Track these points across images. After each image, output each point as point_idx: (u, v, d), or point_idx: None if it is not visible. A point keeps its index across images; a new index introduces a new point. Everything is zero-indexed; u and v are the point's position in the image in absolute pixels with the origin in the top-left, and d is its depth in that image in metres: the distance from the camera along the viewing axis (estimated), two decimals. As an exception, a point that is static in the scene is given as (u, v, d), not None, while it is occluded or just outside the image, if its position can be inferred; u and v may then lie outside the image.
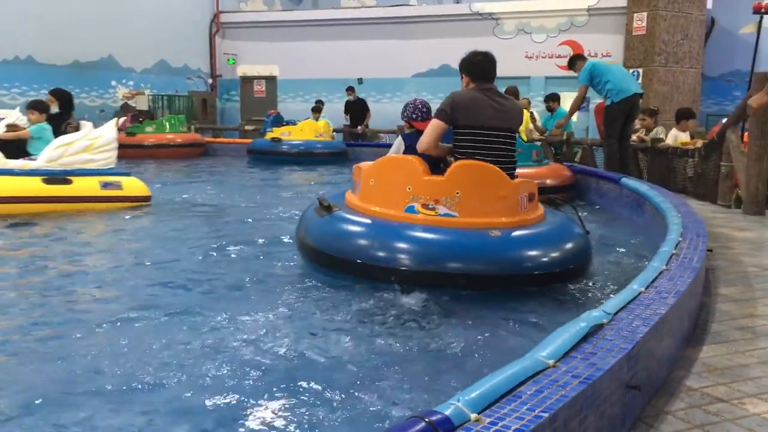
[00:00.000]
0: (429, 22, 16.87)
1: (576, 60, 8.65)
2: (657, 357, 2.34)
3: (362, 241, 3.92)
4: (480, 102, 4.15)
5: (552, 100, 11.52)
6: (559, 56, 15.76)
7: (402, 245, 3.78)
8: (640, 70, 14.30)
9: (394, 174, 4.14)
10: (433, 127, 4.16)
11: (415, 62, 16.91)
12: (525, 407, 1.61)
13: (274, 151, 13.10)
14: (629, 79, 8.25)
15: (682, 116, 9.14)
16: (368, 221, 4.03)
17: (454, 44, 16.38)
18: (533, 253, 3.84)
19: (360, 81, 16.83)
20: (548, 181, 7.67)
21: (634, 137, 9.36)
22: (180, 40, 17.41)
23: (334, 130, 14.92)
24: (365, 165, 4.45)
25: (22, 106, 13.12)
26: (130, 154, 13.72)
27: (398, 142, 4.56)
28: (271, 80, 18.52)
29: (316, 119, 14.16)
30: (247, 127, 16.28)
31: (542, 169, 8.01)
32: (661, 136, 9.05)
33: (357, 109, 15.49)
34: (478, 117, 4.11)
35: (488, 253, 3.73)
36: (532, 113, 11.80)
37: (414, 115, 4.60)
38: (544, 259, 3.84)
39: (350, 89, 15.52)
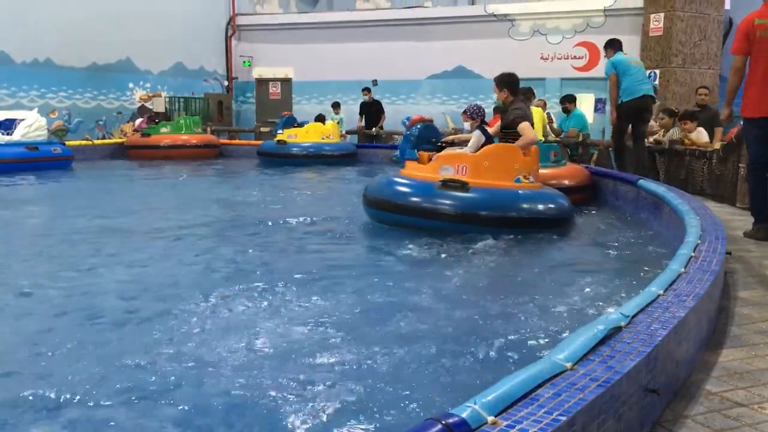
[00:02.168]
0: (444, 23, 16.83)
1: (608, 47, 8.79)
2: (676, 360, 2.32)
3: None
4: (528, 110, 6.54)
5: (568, 101, 11.46)
6: (575, 57, 15.69)
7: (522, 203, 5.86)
8: (657, 72, 14.19)
9: (508, 157, 5.99)
10: (529, 129, 6.09)
11: (430, 64, 16.88)
12: (542, 410, 1.60)
13: (282, 153, 13.13)
14: (644, 81, 8.40)
15: (687, 117, 9.10)
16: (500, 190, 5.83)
17: (470, 46, 16.42)
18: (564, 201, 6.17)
19: (375, 83, 16.82)
20: (566, 182, 7.65)
21: (651, 139, 9.30)
22: (196, 42, 17.51)
23: (347, 132, 14.95)
24: (468, 152, 6.13)
25: (41, 107, 13.33)
26: (145, 154, 13.89)
27: (478, 135, 6.23)
28: (286, 82, 18.57)
29: (337, 114, 14.65)
30: (263, 129, 16.34)
31: (561, 169, 7.94)
32: (679, 136, 8.99)
33: (372, 111, 15.49)
34: (531, 120, 6.34)
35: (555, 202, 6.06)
36: (548, 114, 11.76)
37: (482, 117, 6.65)
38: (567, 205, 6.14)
39: (366, 90, 15.53)
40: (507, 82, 6.45)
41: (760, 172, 5.28)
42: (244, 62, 18.78)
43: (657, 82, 13.90)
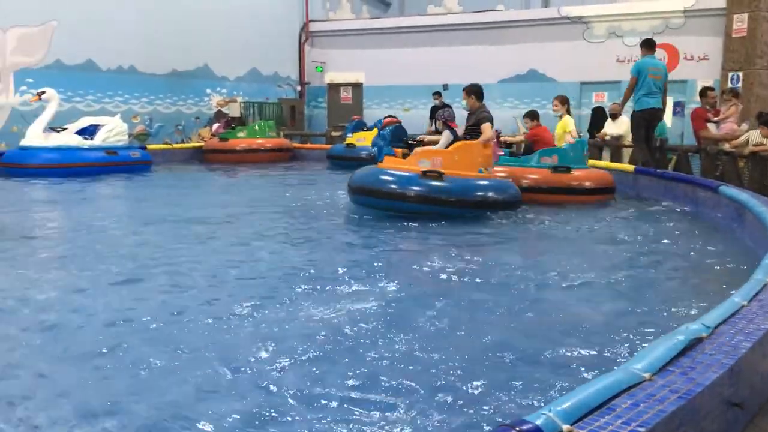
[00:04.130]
0: (516, 27, 16.66)
1: (644, 46, 9.45)
2: (760, 373, 2.23)
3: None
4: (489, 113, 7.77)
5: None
6: (653, 60, 15.22)
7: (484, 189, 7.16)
8: (740, 74, 13.64)
9: (473, 153, 7.26)
10: (489, 129, 7.38)
11: (502, 67, 16.71)
12: (620, 421, 1.57)
13: (351, 156, 13.29)
14: (656, 94, 9.08)
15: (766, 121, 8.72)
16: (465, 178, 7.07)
17: (543, 49, 16.19)
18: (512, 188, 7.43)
19: (445, 87, 16.78)
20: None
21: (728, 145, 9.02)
22: (271, 49, 17.91)
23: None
24: (441, 148, 7.44)
25: (124, 113, 13.92)
26: (222, 158, 14.29)
27: (447, 134, 7.62)
28: (357, 87, 18.75)
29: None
30: (334, 133, 16.55)
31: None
32: (758, 141, 8.64)
33: (442, 115, 15.49)
34: (493, 122, 7.60)
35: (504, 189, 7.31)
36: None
37: (451, 119, 7.80)
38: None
39: (437, 94, 15.54)
40: (474, 91, 7.84)
41: None
42: (317, 68, 19.08)
43: (740, 84, 13.36)
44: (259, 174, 12.39)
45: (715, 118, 10.30)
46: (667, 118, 14.14)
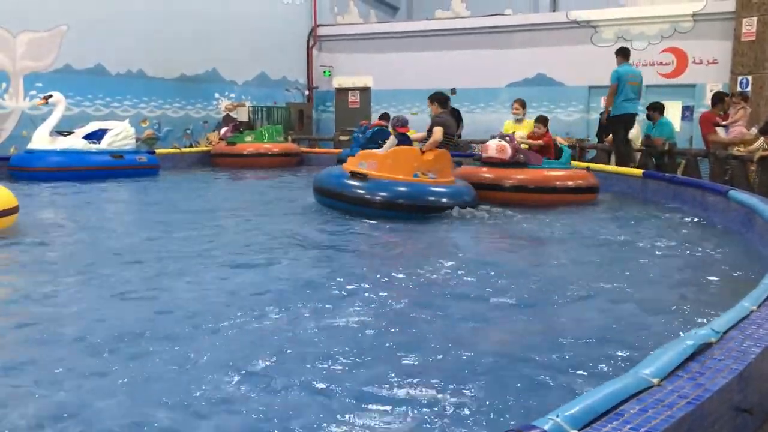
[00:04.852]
0: (524, 31, 16.65)
1: (619, 54, 10.42)
2: (770, 380, 2.21)
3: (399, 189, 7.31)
4: (450, 120, 8.23)
5: (654, 109, 11.12)
6: (661, 64, 15.20)
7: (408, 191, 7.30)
8: (750, 78, 13.58)
9: (407, 158, 7.56)
10: (440, 132, 7.68)
11: (510, 71, 16.71)
12: (628, 426, 1.56)
13: None
14: (634, 99, 10.07)
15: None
16: (396, 181, 7.30)
17: (551, 53, 16.17)
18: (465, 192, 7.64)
19: (453, 91, 16.78)
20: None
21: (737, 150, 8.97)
22: (279, 53, 17.97)
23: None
24: (379, 152, 7.81)
25: (133, 117, 13.98)
26: (229, 162, 14.32)
27: (392, 140, 8.05)
28: (365, 91, 18.78)
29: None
30: (342, 138, 16.57)
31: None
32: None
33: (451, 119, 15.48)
34: (450, 127, 8.00)
35: (452, 194, 7.47)
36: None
37: (399, 124, 8.22)
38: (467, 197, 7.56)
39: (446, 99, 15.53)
40: (437, 98, 8.41)
41: None
42: (325, 72, 19.12)
43: (749, 88, 13.30)
44: (265, 177, 12.42)
45: (724, 122, 10.26)
46: (676, 122, 14.13)
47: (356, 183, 7.47)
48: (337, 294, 4.30)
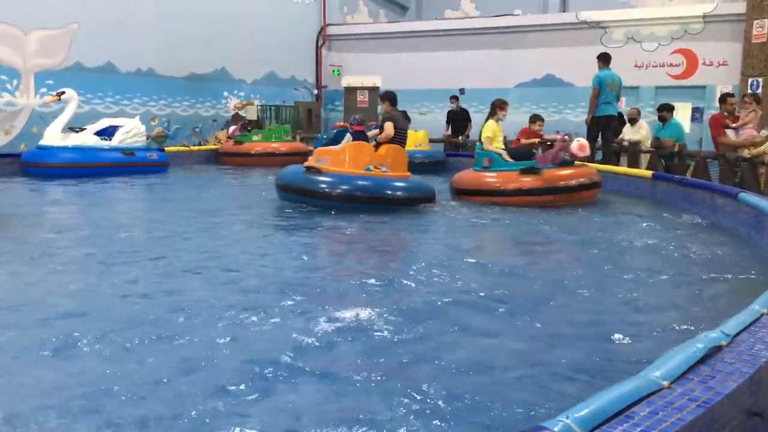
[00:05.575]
0: (534, 31, 16.61)
1: (600, 59, 11.08)
2: (781, 384, 2.20)
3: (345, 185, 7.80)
4: (399, 116, 8.68)
5: (665, 110, 11.09)
6: (671, 65, 15.14)
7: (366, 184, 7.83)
8: (760, 80, 13.50)
9: (360, 152, 8.03)
10: (390, 126, 8.28)
11: (519, 72, 16.68)
12: (638, 429, 1.56)
13: None
14: (611, 102, 10.90)
15: None
16: (348, 175, 7.83)
17: (560, 53, 16.13)
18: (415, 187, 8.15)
19: (462, 91, 16.77)
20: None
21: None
22: (288, 52, 18.00)
23: (430, 140, 14.97)
24: (335, 148, 8.31)
25: (143, 115, 14.03)
26: (237, 161, 14.35)
27: (348, 137, 8.46)
28: (373, 91, 18.76)
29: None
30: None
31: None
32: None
33: (459, 119, 15.49)
34: (399, 123, 8.47)
35: (405, 187, 8.03)
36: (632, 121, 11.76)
37: (355, 123, 8.46)
38: (416, 191, 8.10)
39: (454, 98, 15.54)
40: (388, 97, 8.79)
41: None
42: (334, 71, 19.13)
43: (760, 90, 13.23)
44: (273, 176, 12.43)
45: (734, 125, 10.20)
46: (686, 123, 14.07)
47: (312, 177, 7.93)
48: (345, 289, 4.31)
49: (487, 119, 9.28)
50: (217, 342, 3.31)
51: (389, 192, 7.89)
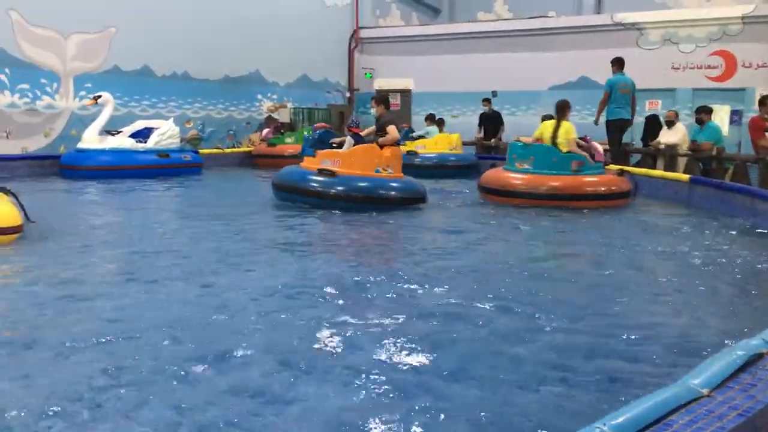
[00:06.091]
0: (568, 33, 16.46)
1: (614, 64, 11.35)
2: (825, 393, 2.14)
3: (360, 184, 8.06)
4: (396, 118, 9.00)
5: (704, 112, 10.91)
6: (709, 67, 14.88)
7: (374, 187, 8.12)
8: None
9: (369, 155, 8.21)
10: (395, 129, 8.43)
11: (553, 74, 16.53)
12: (677, 437, 1.53)
13: (408, 163, 13.18)
14: (624, 106, 11.09)
15: None
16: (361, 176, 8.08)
17: (595, 55, 15.93)
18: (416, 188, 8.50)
19: (494, 94, 16.67)
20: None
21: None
22: (321, 55, 18.11)
23: (463, 143, 14.94)
24: (342, 151, 8.44)
25: (178, 117, 14.23)
26: (269, 163, 14.44)
27: (349, 139, 8.87)
28: (406, 93, 18.79)
29: (441, 130, 14.88)
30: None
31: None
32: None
33: (492, 122, 15.41)
34: (398, 125, 8.72)
35: (408, 188, 8.40)
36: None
37: (353, 125, 9.09)
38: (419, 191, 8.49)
39: (486, 101, 15.47)
40: (382, 100, 8.96)
41: None
42: (366, 74, 19.19)
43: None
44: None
45: (774, 128, 9.96)
46: (724, 126, 13.81)
47: (325, 179, 7.99)
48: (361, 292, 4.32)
49: (559, 120, 9.03)
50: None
51: (391, 194, 8.20)
